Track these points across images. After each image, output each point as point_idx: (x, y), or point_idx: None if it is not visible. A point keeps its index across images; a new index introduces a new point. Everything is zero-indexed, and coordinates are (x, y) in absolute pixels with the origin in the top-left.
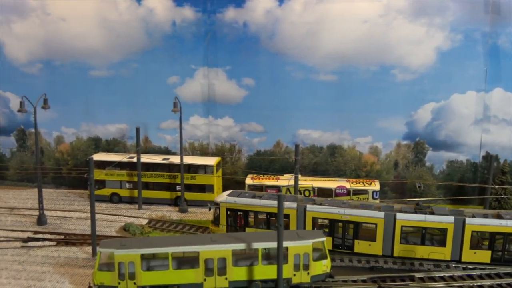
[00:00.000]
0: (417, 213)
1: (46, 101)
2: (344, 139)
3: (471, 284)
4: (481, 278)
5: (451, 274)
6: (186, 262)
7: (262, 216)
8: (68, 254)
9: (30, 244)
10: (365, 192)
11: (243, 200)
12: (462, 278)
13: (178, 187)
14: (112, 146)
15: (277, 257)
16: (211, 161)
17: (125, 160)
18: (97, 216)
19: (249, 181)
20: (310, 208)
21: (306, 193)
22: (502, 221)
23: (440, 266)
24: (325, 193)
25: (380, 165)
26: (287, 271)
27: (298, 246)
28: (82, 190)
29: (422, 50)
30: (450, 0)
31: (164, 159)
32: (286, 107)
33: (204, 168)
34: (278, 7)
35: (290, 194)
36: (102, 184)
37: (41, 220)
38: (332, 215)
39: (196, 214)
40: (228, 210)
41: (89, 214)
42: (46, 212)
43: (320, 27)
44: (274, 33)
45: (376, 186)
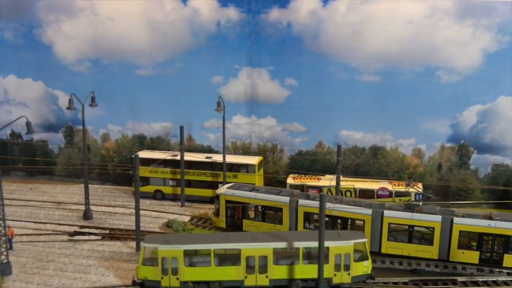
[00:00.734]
0: (405, 211)
1: (94, 99)
2: (386, 141)
3: None
4: None
5: (495, 279)
6: (228, 259)
7: (258, 208)
8: (112, 248)
9: (77, 238)
10: (407, 194)
11: (241, 193)
12: (506, 284)
13: (220, 186)
14: (156, 144)
15: (318, 256)
16: (253, 160)
17: (168, 158)
18: (141, 212)
19: (290, 180)
20: (302, 203)
21: (348, 194)
22: (490, 222)
23: (483, 270)
24: (366, 194)
25: (423, 167)
26: (328, 271)
27: (339, 246)
28: (126, 186)
29: (468, 51)
30: (498, 1)
31: (207, 158)
32: (329, 108)
33: (246, 167)
34: (322, 8)
35: (331, 194)
36: (146, 181)
37: (87, 215)
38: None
39: None
40: (227, 202)
41: (133, 210)
42: (92, 207)
43: (364, 28)
44: (317, 33)
45: (419, 188)
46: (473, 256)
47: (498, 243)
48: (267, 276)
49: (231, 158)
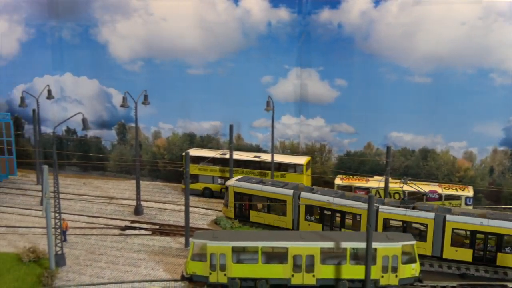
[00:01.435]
0: (400, 207)
1: (146, 97)
2: (437, 143)
3: None
4: None
5: None
6: (275, 257)
7: (264, 200)
8: (162, 243)
9: (128, 232)
10: (457, 197)
11: (248, 185)
12: None
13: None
14: (206, 142)
15: (365, 257)
16: (301, 160)
17: (218, 156)
18: (190, 208)
19: (338, 181)
20: (304, 195)
21: (396, 196)
22: (483, 220)
23: None
24: (416, 197)
25: (474, 171)
26: (375, 273)
27: (387, 248)
28: (176, 183)
29: None
30: None
31: (255, 157)
32: (378, 109)
33: (294, 167)
34: (374, 9)
35: (380, 196)
36: (195, 178)
37: (138, 210)
38: (322, 203)
39: None
40: (235, 193)
41: (182, 207)
42: (142, 203)
43: (416, 29)
44: (369, 34)
45: (469, 192)
46: (466, 254)
47: (491, 242)
48: (314, 275)
49: (279, 158)
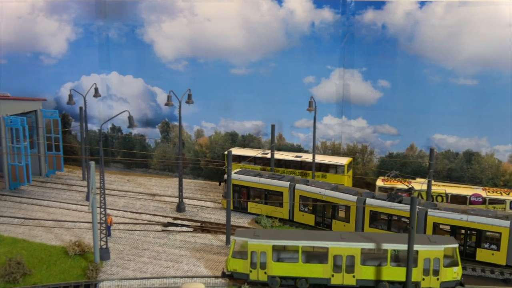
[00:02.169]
0: (386, 200)
1: (190, 96)
2: (482, 146)
3: None
4: None
5: None
6: (315, 256)
7: (261, 192)
8: (203, 240)
9: (170, 228)
10: (502, 201)
11: (247, 177)
12: None
13: None
14: (247, 141)
15: (406, 259)
16: (343, 161)
17: (259, 155)
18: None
19: (380, 183)
20: (298, 187)
21: (439, 198)
22: (463, 215)
23: None
24: (458, 200)
25: None
26: (416, 275)
27: (428, 250)
28: (217, 181)
29: None
30: None
31: (296, 157)
32: (422, 111)
33: (335, 167)
34: (419, 9)
35: (422, 198)
36: None
37: (180, 207)
38: (315, 195)
39: None
40: (234, 185)
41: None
42: (184, 200)
43: (462, 30)
44: (413, 35)
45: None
46: None
47: (470, 237)
48: (354, 276)
49: (321, 158)
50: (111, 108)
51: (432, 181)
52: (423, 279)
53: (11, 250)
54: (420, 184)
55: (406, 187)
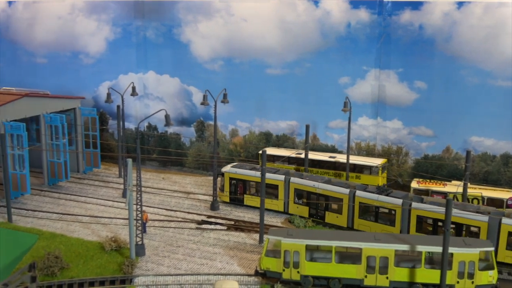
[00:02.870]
0: (375, 193)
1: (226, 96)
2: None
3: None
4: None
5: None
6: (348, 257)
7: (258, 185)
8: (237, 239)
9: (204, 226)
10: None
11: (243, 171)
12: None
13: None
14: (281, 141)
15: (441, 262)
16: (377, 162)
17: (293, 155)
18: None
19: (414, 184)
20: (293, 180)
21: (475, 201)
22: (442, 208)
23: None
24: (495, 203)
25: None
26: (451, 278)
27: (464, 253)
28: None
29: None
30: None
31: (330, 157)
32: (459, 112)
33: (369, 168)
34: (457, 10)
35: (457, 201)
36: None
37: (214, 206)
38: (308, 188)
39: None
40: (230, 178)
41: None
42: (218, 199)
43: (501, 31)
44: (450, 36)
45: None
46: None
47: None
48: (387, 277)
49: (355, 159)
50: (148, 107)
51: (468, 183)
52: (458, 282)
53: (50, 245)
54: (455, 186)
55: (441, 190)
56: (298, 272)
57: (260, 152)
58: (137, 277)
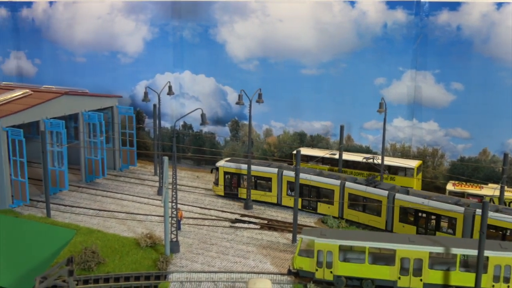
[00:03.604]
0: (363, 184)
1: (261, 95)
2: None
3: None
4: None
5: None
6: (382, 258)
7: (251, 178)
8: (270, 238)
9: (237, 225)
10: None
11: (237, 165)
12: None
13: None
14: (315, 142)
15: (476, 265)
16: (412, 163)
17: (327, 156)
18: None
19: (450, 187)
20: (286, 173)
21: None
22: (425, 200)
23: None
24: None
25: None
26: (486, 282)
27: (500, 257)
28: None
29: None
30: None
31: (365, 158)
32: (496, 114)
33: (404, 170)
34: (496, 11)
35: (494, 204)
36: None
37: (247, 205)
38: (302, 180)
39: None
40: (225, 173)
41: None
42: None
43: None
44: (489, 37)
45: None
46: (411, 230)
47: (431, 220)
48: (421, 279)
49: (390, 160)
50: (183, 106)
51: (505, 186)
52: (493, 286)
53: (87, 240)
54: (492, 189)
55: (477, 192)
56: (331, 272)
57: (294, 152)
58: (171, 273)
